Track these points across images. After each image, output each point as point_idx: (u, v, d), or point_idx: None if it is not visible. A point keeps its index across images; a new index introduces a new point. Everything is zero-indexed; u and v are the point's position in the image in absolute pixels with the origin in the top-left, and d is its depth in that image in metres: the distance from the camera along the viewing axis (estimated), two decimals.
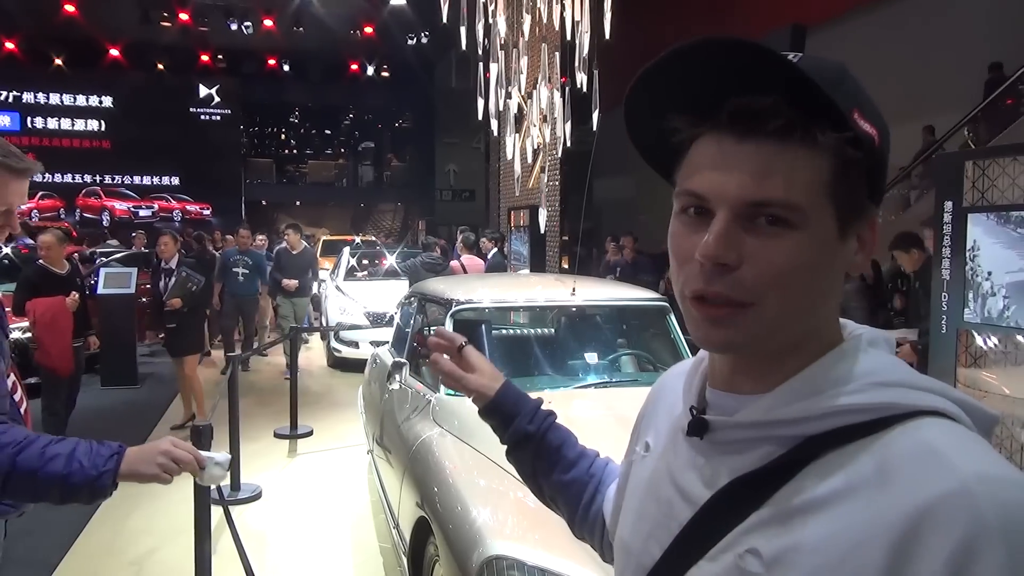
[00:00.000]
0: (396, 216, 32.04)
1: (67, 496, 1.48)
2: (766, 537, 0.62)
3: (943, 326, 3.84)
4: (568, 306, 3.77)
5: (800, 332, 0.67)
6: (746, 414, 0.68)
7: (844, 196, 0.64)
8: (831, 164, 0.63)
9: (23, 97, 22.99)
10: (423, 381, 3.57)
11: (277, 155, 31.86)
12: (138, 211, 23.12)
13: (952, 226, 3.85)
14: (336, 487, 4.97)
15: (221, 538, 3.67)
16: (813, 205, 0.63)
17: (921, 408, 0.61)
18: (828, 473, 0.61)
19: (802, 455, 0.63)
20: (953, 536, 0.53)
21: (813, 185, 0.63)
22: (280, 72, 25.18)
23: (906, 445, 0.59)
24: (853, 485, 0.59)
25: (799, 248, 0.63)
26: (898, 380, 0.64)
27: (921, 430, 0.60)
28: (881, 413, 0.61)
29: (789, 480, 0.63)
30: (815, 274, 0.64)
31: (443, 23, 5.93)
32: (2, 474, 1.39)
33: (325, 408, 7.19)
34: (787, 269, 0.63)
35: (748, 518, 0.64)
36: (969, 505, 0.53)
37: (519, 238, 11.21)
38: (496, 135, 6.65)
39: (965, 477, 0.55)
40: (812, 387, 0.65)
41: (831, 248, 0.65)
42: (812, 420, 0.63)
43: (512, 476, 2.54)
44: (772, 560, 0.61)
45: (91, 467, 1.48)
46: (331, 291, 10.23)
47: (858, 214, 0.66)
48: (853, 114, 0.63)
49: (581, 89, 5.58)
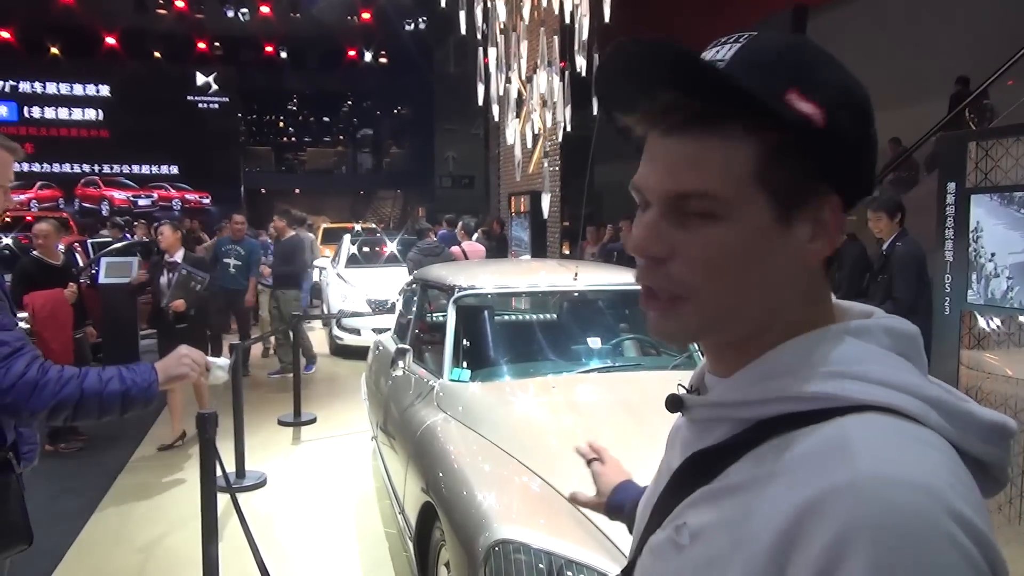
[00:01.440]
0: (395, 203, 32.02)
1: (127, 407, 1.79)
2: (698, 511, 0.65)
3: (946, 307, 3.85)
4: (571, 291, 3.77)
5: (752, 322, 0.66)
6: (711, 395, 0.70)
7: (779, 182, 0.62)
8: (757, 151, 0.61)
9: (19, 87, 22.94)
10: (426, 367, 3.57)
11: (276, 143, 31.84)
12: (137, 200, 23.11)
13: (955, 207, 3.84)
14: (341, 473, 4.99)
15: (227, 525, 3.69)
16: (738, 195, 0.62)
17: (869, 403, 0.59)
18: (763, 457, 0.61)
19: (751, 437, 0.63)
20: (829, 531, 0.52)
21: (735, 174, 0.62)
22: (277, 59, 25.11)
23: (827, 437, 0.57)
24: (772, 470, 0.59)
25: (725, 239, 0.62)
26: (857, 373, 0.61)
27: (851, 424, 0.57)
28: (825, 404, 0.60)
29: (735, 461, 0.63)
30: (747, 265, 0.63)
31: (442, 8, 5.90)
32: (75, 400, 1.71)
33: (328, 395, 7.20)
34: (715, 261, 0.62)
35: (694, 492, 0.66)
36: (852, 502, 0.52)
37: (520, 224, 11.19)
38: (496, 120, 6.62)
39: (859, 474, 0.53)
40: (767, 371, 0.65)
41: (767, 237, 0.63)
42: (760, 404, 0.63)
43: (517, 461, 2.55)
44: (694, 533, 0.64)
45: (142, 381, 1.80)
46: (332, 279, 10.23)
47: (801, 199, 0.63)
48: (787, 95, 0.61)
49: (581, 73, 5.56)
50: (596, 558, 1.97)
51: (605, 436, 2.61)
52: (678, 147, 0.64)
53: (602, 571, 1.94)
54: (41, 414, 1.71)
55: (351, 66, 25.92)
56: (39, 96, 23.16)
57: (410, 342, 3.88)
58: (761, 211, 0.62)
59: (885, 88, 8.41)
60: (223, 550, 3.07)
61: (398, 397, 3.64)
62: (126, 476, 5.01)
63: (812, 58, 0.64)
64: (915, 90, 9.11)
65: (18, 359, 1.70)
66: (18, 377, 1.67)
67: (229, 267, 7.97)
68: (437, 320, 4.12)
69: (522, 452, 2.57)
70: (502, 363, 3.46)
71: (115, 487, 4.80)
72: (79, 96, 23.56)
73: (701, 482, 0.66)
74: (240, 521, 2.69)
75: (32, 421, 1.82)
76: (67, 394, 1.71)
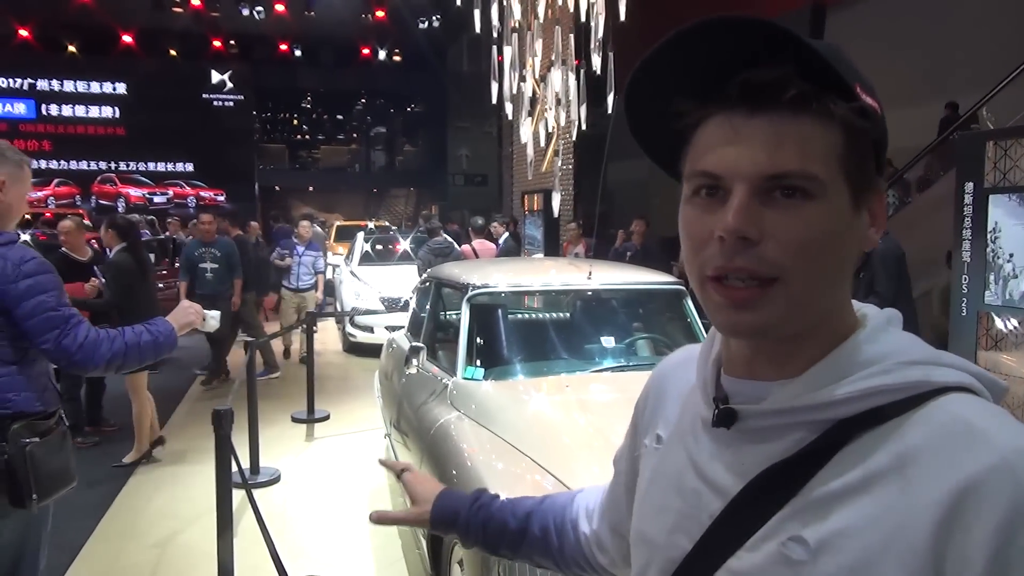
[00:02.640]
0: (408, 201, 32.06)
1: (159, 353, 2.36)
2: (808, 523, 0.62)
3: (963, 308, 3.81)
4: (584, 290, 3.76)
5: (822, 311, 0.66)
6: (775, 401, 0.67)
7: (855, 168, 0.64)
8: (842, 136, 0.63)
9: (38, 84, 23.09)
10: (440, 365, 3.58)
11: (290, 140, 31.94)
12: (153, 197, 23.23)
13: (973, 207, 3.80)
14: (354, 470, 5.02)
15: (240, 521, 3.72)
16: (829, 176, 0.63)
17: (947, 384, 0.62)
18: (865, 455, 0.61)
19: (835, 439, 0.63)
20: (999, 508, 0.54)
21: (827, 156, 0.63)
22: (292, 57, 25.17)
23: (942, 422, 0.60)
24: (892, 465, 0.59)
25: (820, 218, 0.62)
26: (922, 358, 0.64)
27: (953, 406, 0.61)
28: (911, 392, 0.62)
29: (824, 465, 0.62)
30: (837, 245, 0.64)
31: (456, 6, 5.90)
32: (122, 352, 2.22)
33: (341, 393, 7.23)
34: (810, 239, 0.62)
35: (786, 505, 0.63)
36: (1012, 478, 0.54)
37: (532, 222, 11.19)
38: (510, 119, 6.62)
39: (1004, 451, 0.56)
40: (840, 370, 0.64)
41: (847, 220, 0.64)
42: (843, 403, 0.63)
43: (530, 459, 2.55)
44: (818, 546, 0.61)
45: (164, 330, 2.35)
46: (346, 276, 10.27)
47: (868, 186, 0.66)
48: (856, 88, 0.64)
49: (596, 71, 5.55)
50: None
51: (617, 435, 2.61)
52: (771, 127, 0.63)
53: None
54: (101, 367, 2.20)
55: (365, 64, 25.97)
56: (57, 94, 23.32)
57: (424, 340, 3.89)
58: (844, 194, 0.64)
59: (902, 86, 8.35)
60: (237, 545, 3.09)
61: (411, 395, 3.65)
62: (142, 471, 5.05)
63: (845, 55, 0.67)
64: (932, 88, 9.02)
65: (80, 326, 2.17)
66: (83, 340, 2.15)
67: (206, 272, 7.29)
68: (451, 318, 4.13)
69: (535, 450, 2.57)
70: (515, 362, 3.46)
71: (131, 482, 4.85)
72: (96, 94, 23.71)
73: (784, 495, 0.64)
74: (256, 517, 2.71)
75: (95, 373, 2.32)
76: (116, 349, 2.21)
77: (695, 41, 0.66)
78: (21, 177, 2.23)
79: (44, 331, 2.11)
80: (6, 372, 2.11)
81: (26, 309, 2.09)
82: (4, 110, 22.81)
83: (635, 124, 0.75)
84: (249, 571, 3.29)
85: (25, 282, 2.10)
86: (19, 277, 2.10)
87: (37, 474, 2.11)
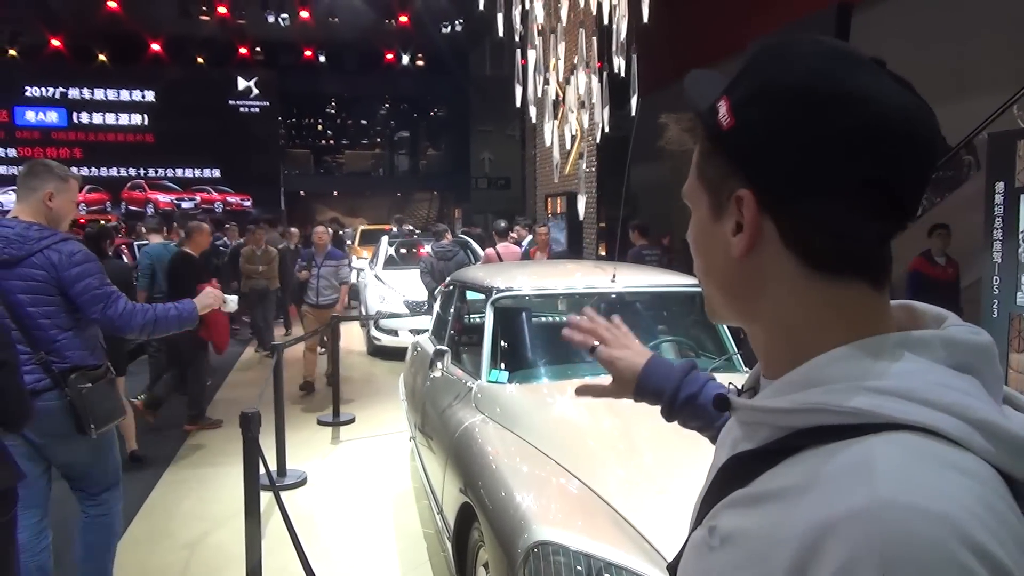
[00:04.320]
0: (432, 205, 32.18)
1: (182, 326, 3.03)
2: (729, 515, 0.65)
3: (995, 311, 3.75)
4: (608, 293, 3.76)
5: (730, 311, 0.73)
6: (756, 398, 0.71)
7: (708, 179, 0.70)
8: (699, 152, 0.72)
9: (69, 93, 23.53)
10: (464, 369, 3.59)
11: (314, 146, 32.19)
12: (181, 203, 23.55)
13: (1004, 207, 3.74)
14: (379, 473, 5.05)
15: (268, 523, 3.75)
16: (691, 190, 0.73)
17: (905, 422, 0.56)
18: (795, 467, 0.60)
19: (787, 445, 0.63)
20: (840, 556, 0.52)
21: (692, 173, 0.73)
22: (316, 63, 25.38)
23: (853, 456, 0.56)
24: (796, 486, 0.58)
25: (691, 226, 0.74)
26: (899, 389, 0.58)
27: (878, 444, 0.56)
28: (859, 419, 0.58)
29: (774, 466, 0.63)
30: (701, 250, 0.74)
31: (480, 10, 5.92)
32: (152, 322, 2.88)
33: (366, 396, 7.28)
34: (692, 245, 0.74)
35: (730, 494, 0.67)
36: (865, 528, 0.51)
37: (556, 225, 11.17)
38: (534, 122, 6.63)
39: (877, 498, 0.52)
40: (806, 380, 0.63)
41: (707, 229, 0.71)
42: (796, 413, 0.62)
43: (555, 462, 2.55)
44: (724, 537, 0.65)
45: (187, 310, 3.03)
46: (370, 280, 10.33)
47: (724, 194, 0.68)
48: (718, 102, 0.67)
49: (619, 74, 5.53)
50: (635, 560, 1.96)
51: (642, 438, 2.60)
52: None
53: (640, 573, 1.93)
54: (136, 331, 2.87)
55: (388, 69, 26.11)
56: (87, 102, 23.76)
57: (448, 343, 3.91)
58: (704, 205, 0.71)
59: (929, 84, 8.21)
60: (265, 546, 3.12)
61: (436, 398, 3.66)
62: (171, 473, 5.13)
63: (762, 62, 0.66)
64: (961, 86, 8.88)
65: (119, 300, 2.83)
66: (121, 310, 2.81)
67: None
68: (475, 322, 4.14)
69: (560, 453, 2.57)
70: (539, 364, 3.47)
71: (160, 484, 4.91)
72: (125, 101, 24.10)
73: (737, 484, 0.66)
74: (284, 519, 2.74)
75: (132, 336, 2.97)
76: (148, 319, 2.88)
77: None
78: (66, 188, 2.87)
79: (92, 304, 2.76)
80: (64, 336, 2.75)
81: (77, 289, 2.73)
82: (37, 119, 23.29)
83: None
84: (277, 572, 3.32)
85: (75, 269, 2.74)
86: (71, 265, 2.74)
87: (92, 410, 2.75)
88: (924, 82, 0.67)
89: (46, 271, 2.71)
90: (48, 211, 2.82)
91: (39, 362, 2.71)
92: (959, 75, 9.07)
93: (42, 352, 2.72)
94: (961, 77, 9.10)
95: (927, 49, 9.37)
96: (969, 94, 9.11)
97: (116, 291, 2.83)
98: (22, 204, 2.81)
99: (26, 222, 2.76)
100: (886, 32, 9.15)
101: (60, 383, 2.72)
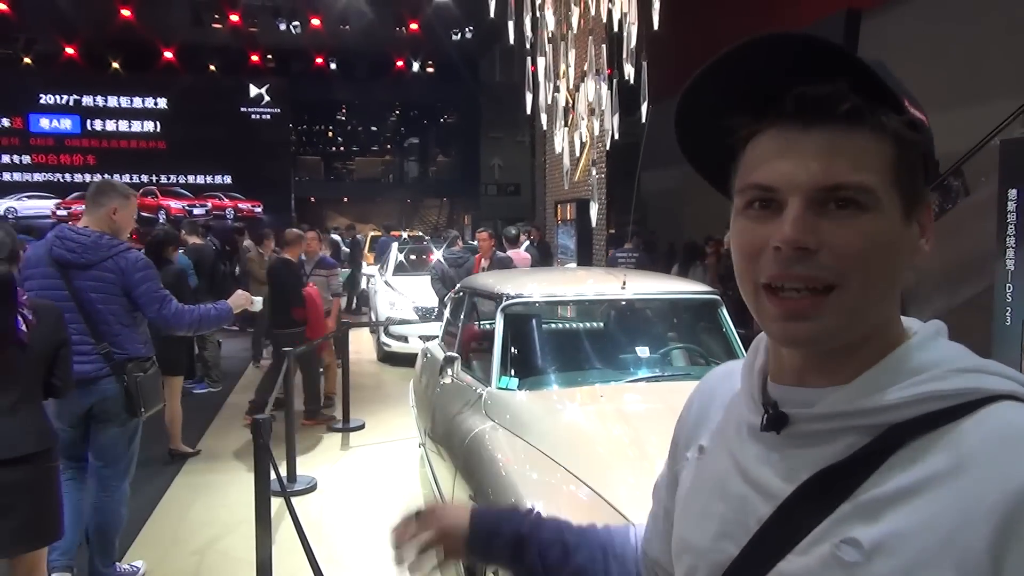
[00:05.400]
0: (442, 211, 32.27)
1: (220, 323, 3.62)
2: (861, 526, 0.62)
3: (1008, 318, 3.73)
4: (618, 300, 3.75)
5: (875, 321, 0.68)
6: (828, 404, 0.67)
7: (906, 180, 0.66)
8: (894, 148, 0.65)
9: (83, 100, 23.76)
10: (474, 375, 3.59)
11: (325, 152, 32.40)
12: (192, 209, 23.69)
13: (1017, 214, 3.72)
14: (389, 479, 5.04)
15: (278, 528, 3.76)
16: (882, 187, 0.64)
17: (998, 392, 0.63)
18: (918, 459, 0.62)
19: (887, 444, 0.64)
20: None
21: (881, 168, 0.64)
22: (327, 70, 25.54)
23: (996, 428, 0.61)
24: (947, 469, 0.60)
25: (874, 229, 0.64)
26: (973, 366, 0.65)
27: (1006, 414, 0.61)
28: (963, 398, 0.63)
29: (878, 468, 0.63)
30: (890, 255, 0.65)
31: (490, 18, 5.94)
32: (197, 321, 3.39)
33: (376, 402, 7.28)
34: (866, 249, 0.64)
35: (838, 509, 0.64)
36: None
37: (566, 232, 11.17)
38: (544, 129, 6.64)
39: None
40: (893, 376, 0.66)
41: (899, 231, 0.66)
42: (895, 408, 0.64)
43: (565, 469, 2.55)
44: (872, 548, 0.61)
45: (224, 310, 3.53)
46: (380, 286, 10.36)
47: (918, 199, 0.67)
48: (904, 101, 0.66)
49: (629, 81, 5.54)
50: None
51: (653, 445, 2.59)
52: (826, 140, 0.65)
53: None
54: (184, 328, 3.38)
55: (398, 76, 26.25)
56: (100, 109, 23.97)
57: (458, 350, 3.91)
58: (896, 206, 0.65)
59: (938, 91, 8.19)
60: (275, 552, 3.12)
61: (446, 404, 3.66)
62: (182, 478, 5.14)
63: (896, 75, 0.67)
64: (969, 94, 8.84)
65: (172, 302, 3.32)
66: (174, 311, 3.30)
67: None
68: (485, 328, 4.14)
69: (570, 461, 2.57)
70: (550, 371, 3.46)
71: (171, 490, 4.93)
72: (138, 109, 24.31)
73: (841, 497, 0.64)
74: (294, 524, 2.74)
75: (180, 332, 3.48)
76: (193, 318, 3.37)
77: (744, 58, 0.68)
78: (127, 205, 3.36)
79: (150, 305, 3.26)
80: (124, 331, 3.24)
81: (140, 291, 3.24)
82: (51, 126, 23.53)
83: (684, 141, 0.77)
84: None
85: (138, 274, 3.24)
86: (135, 271, 3.23)
87: (144, 396, 3.25)
88: (932, 88, 0.69)
89: (115, 275, 3.19)
90: (112, 223, 3.30)
91: (102, 352, 3.17)
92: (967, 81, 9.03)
93: (105, 343, 3.18)
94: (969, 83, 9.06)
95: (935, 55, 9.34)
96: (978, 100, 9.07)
97: (168, 294, 3.36)
98: (91, 216, 3.29)
99: (97, 232, 3.22)
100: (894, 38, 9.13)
101: (119, 371, 3.19)
